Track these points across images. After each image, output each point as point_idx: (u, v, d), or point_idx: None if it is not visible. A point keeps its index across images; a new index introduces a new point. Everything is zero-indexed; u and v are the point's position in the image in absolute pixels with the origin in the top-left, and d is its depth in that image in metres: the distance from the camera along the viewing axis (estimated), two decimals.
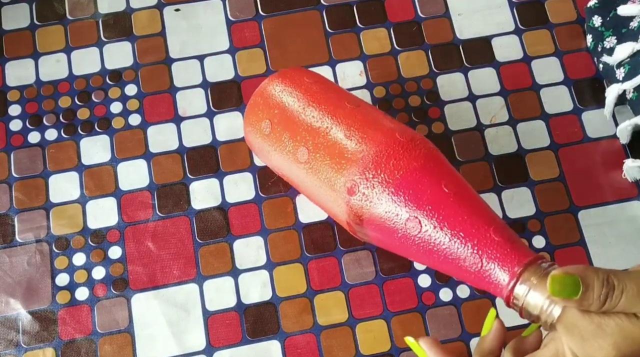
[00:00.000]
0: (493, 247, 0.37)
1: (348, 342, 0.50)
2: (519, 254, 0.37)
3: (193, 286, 0.52)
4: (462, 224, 0.38)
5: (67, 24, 0.59)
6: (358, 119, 0.45)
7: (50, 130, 0.56)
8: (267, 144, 0.47)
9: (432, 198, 0.40)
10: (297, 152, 0.45)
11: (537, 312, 0.35)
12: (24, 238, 0.53)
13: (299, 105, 0.46)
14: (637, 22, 0.54)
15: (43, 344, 0.50)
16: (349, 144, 0.43)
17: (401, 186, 0.40)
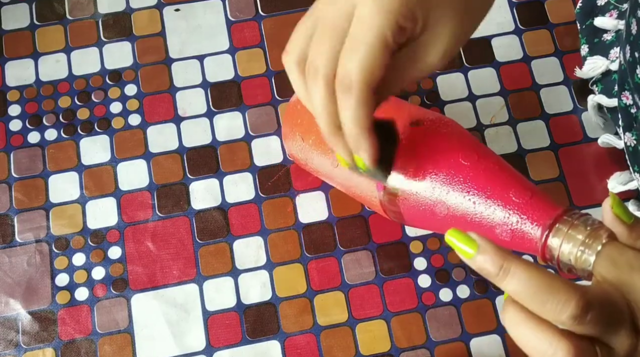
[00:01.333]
0: (517, 209, 0.38)
1: (348, 343, 0.50)
2: (547, 209, 0.37)
3: (193, 286, 0.52)
4: (483, 194, 0.39)
5: (67, 24, 0.59)
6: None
7: (50, 131, 0.56)
8: (304, 153, 0.49)
9: (451, 175, 0.40)
10: (329, 157, 0.47)
11: (572, 261, 0.34)
12: (24, 238, 0.53)
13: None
14: (610, 36, 0.54)
15: (43, 344, 0.50)
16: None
17: (420, 169, 0.41)
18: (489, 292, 0.51)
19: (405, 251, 0.52)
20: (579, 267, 0.34)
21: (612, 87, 0.53)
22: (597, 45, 0.55)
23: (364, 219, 0.53)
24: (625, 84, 0.49)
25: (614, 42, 0.53)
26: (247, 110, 0.57)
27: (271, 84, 0.57)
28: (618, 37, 0.53)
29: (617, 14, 0.54)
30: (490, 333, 0.50)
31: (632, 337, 0.30)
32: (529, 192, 0.39)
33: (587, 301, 0.29)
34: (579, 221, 0.35)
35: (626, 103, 0.50)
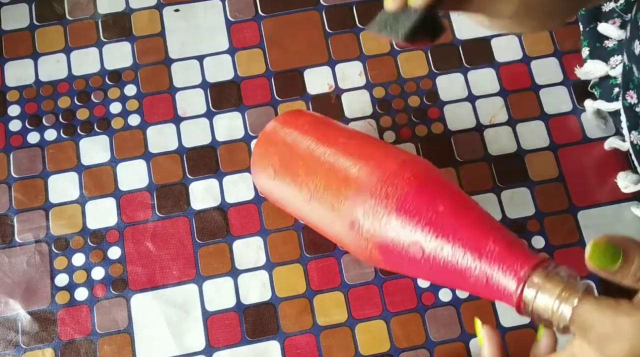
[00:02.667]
0: (495, 258, 0.37)
1: (347, 343, 0.50)
2: (521, 259, 0.36)
3: (192, 286, 0.52)
4: (461, 240, 0.38)
5: (67, 24, 0.59)
6: (351, 152, 0.45)
7: (49, 131, 0.56)
8: (274, 187, 0.48)
9: (428, 221, 0.39)
10: (301, 193, 0.46)
11: (548, 315, 0.34)
12: (23, 238, 0.53)
13: (293, 149, 0.47)
14: (612, 44, 0.54)
15: (42, 344, 0.50)
16: (345, 180, 0.43)
17: (399, 212, 0.40)
18: None
19: None
20: (554, 322, 0.34)
21: (610, 91, 0.53)
22: (598, 49, 0.55)
23: None
24: (630, 83, 0.49)
25: (615, 50, 0.54)
26: (246, 110, 0.57)
27: (271, 84, 0.57)
28: (620, 46, 0.53)
29: (620, 22, 0.54)
30: None
31: None
32: (507, 239, 0.37)
33: None
34: (555, 272, 0.34)
35: (630, 102, 0.50)
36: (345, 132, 0.48)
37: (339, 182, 0.44)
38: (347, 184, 0.43)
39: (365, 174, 0.43)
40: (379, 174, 0.42)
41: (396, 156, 0.44)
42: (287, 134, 0.48)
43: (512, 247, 0.37)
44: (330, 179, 0.44)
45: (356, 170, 0.43)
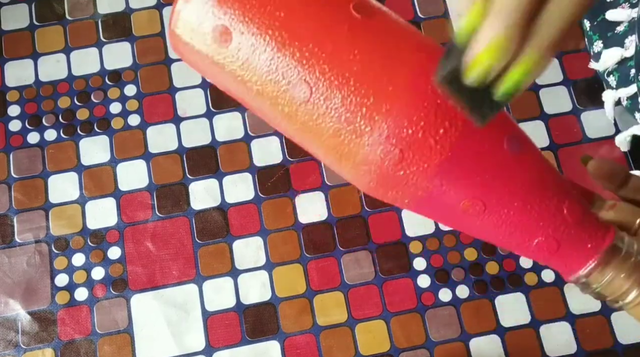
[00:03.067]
0: (568, 232, 0.30)
1: (347, 343, 0.50)
2: (596, 237, 0.30)
3: (192, 286, 0.52)
4: (531, 202, 0.29)
5: (67, 25, 0.59)
6: (372, 55, 0.29)
7: (49, 131, 0.56)
8: (222, 62, 0.29)
9: (490, 171, 0.29)
10: (294, 89, 0.28)
11: (611, 296, 0.31)
12: (23, 239, 0.53)
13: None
14: (623, 27, 0.54)
15: (42, 344, 0.50)
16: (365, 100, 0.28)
17: (448, 165, 0.28)
18: (488, 292, 0.51)
19: (404, 251, 0.52)
20: (612, 301, 0.31)
21: (628, 73, 0.53)
22: (611, 38, 0.55)
23: (363, 219, 0.53)
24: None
25: (627, 31, 0.53)
26: (246, 110, 0.57)
27: None
28: (631, 25, 0.53)
29: (628, 5, 0.54)
30: (490, 333, 0.51)
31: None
32: (581, 206, 0.31)
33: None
34: (627, 253, 0.30)
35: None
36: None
37: (357, 101, 0.27)
38: (368, 112, 0.27)
39: (398, 103, 0.28)
40: (420, 107, 0.28)
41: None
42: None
43: (587, 220, 0.30)
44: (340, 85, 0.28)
45: (383, 93, 0.28)
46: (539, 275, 0.52)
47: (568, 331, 0.51)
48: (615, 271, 0.30)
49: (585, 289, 0.31)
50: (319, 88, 0.28)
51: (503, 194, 0.29)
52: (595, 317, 0.51)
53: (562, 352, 0.50)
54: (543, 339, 0.50)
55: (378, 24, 0.29)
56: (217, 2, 0.28)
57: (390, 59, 0.28)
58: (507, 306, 0.51)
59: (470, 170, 0.28)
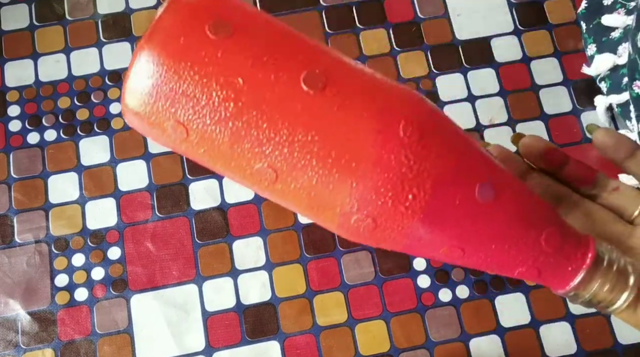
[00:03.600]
0: (547, 261, 0.31)
1: (347, 343, 0.50)
2: (576, 259, 0.31)
3: (192, 286, 0.52)
4: (508, 242, 0.30)
5: (67, 25, 0.59)
6: (329, 118, 0.28)
7: (49, 131, 0.56)
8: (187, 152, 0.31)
9: (463, 222, 0.30)
10: (254, 170, 0.30)
11: (599, 304, 0.32)
12: (23, 239, 0.53)
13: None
14: (618, 33, 0.54)
15: (42, 344, 0.50)
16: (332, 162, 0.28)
17: (421, 224, 0.29)
18: (488, 292, 0.51)
19: None
20: (601, 307, 0.32)
21: (620, 81, 0.53)
22: (605, 44, 0.55)
23: None
24: (636, 73, 0.49)
25: (622, 38, 0.53)
26: None
27: None
28: (626, 32, 0.53)
29: (624, 11, 0.54)
30: (490, 333, 0.51)
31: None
32: (560, 234, 0.31)
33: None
34: (607, 263, 0.31)
35: (638, 92, 0.50)
36: (311, 60, 0.29)
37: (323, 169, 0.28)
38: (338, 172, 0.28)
39: (365, 159, 0.28)
40: (387, 160, 0.28)
41: (405, 112, 0.29)
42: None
43: (567, 245, 0.31)
44: (302, 158, 0.28)
45: (346, 151, 0.28)
46: None
47: (568, 331, 0.51)
48: (599, 282, 0.31)
49: (574, 301, 0.32)
50: (283, 171, 0.29)
51: (479, 241, 0.30)
52: (595, 317, 0.51)
53: (562, 353, 0.50)
54: (543, 339, 0.50)
55: (332, 95, 0.29)
56: (163, 99, 0.29)
57: (350, 133, 0.29)
58: (507, 306, 0.51)
59: (444, 224, 0.29)
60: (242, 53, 0.28)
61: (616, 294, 0.31)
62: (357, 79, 0.30)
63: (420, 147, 0.28)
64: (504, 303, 0.51)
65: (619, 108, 0.54)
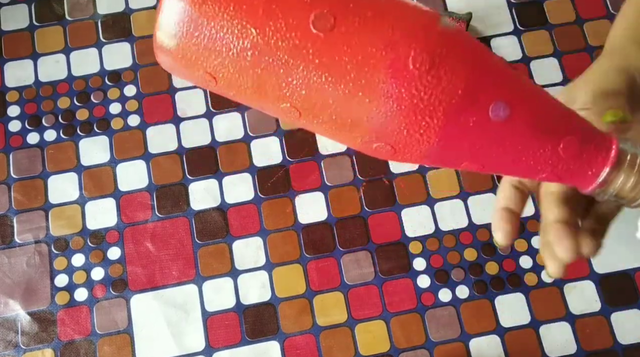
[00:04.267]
0: (567, 168, 0.32)
1: (347, 343, 0.50)
2: (596, 163, 0.31)
3: (192, 286, 0.52)
4: (525, 156, 0.31)
5: (66, 25, 0.59)
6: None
7: (49, 131, 0.56)
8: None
9: (480, 142, 0.31)
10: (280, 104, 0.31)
11: (627, 198, 0.33)
12: (23, 239, 0.53)
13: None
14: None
15: (42, 345, 0.50)
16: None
17: (437, 148, 0.30)
18: (488, 292, 0.51)
19: (404, 251, 0.52)
20: (629, 202, 0.33)
21: None
22: None
23: (363, 219, 0.53)
24: None
25: None
26: (246, 111, 0.57)
27: None
28: None
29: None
30: (490, 333, 0.51)
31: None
32: (578, 137, 0.32)
33: None
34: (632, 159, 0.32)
35: None
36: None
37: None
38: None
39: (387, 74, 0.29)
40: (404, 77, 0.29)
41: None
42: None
43: (585, 148, 0.32)
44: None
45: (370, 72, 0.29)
46: (538, 275, 0.52)
47: (568, 331, 0.51)
48: (622, 180, 0.32)
49: (602, 196, 0.33)
50: (305, 109, 0.30)
51: (497, 157, 0.31)
52: (595, 317, 0.51)
53: (562, 353, 0.50)
54: (543, 339, 0.50)
55: (341, 34, 0.30)
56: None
57: (360, 70, 0.30)
58: (507, 306, 0.51)
59: (460, 145, 0.30)
60: (252, 2, 0.29)
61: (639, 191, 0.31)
62: (365, 12, 0.30)
63: (430, 77, 0.29)
64: (504, 303, 0.51)
65: None
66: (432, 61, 0.29)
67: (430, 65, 0.29)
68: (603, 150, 0.32)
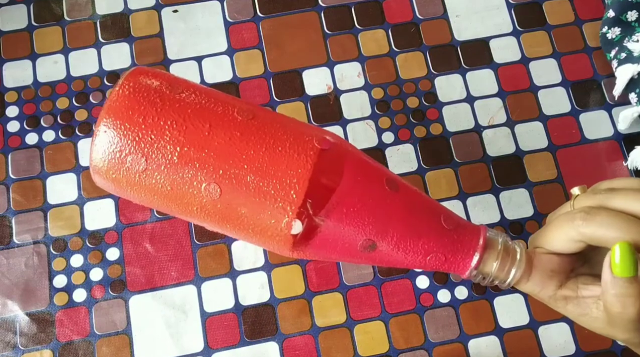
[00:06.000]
0: (450, 241, 0.38)
1: (346, 344, 0.50)
2: (472, 237, 0.38)
3: (191, 287, 0.52)
4: (415, 224, 0.38)
5: (65, 25, 0.59)
6: (263, 140, 0.37)
7: (47, 132, 0.56)
8: (146, 187, 0.38)
9: (378, 211, 0.37)
10: (200, 191, 0.37)
11: (497, 280, 0.38)
12: (22, 240, 0.53)
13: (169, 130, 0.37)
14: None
15: (40, 346, 0.50)
16: (267, 178, 0.36)
17: (339, 210, 0.36)
18: (487, 293, 0.51)
19: None
20: (500, 283, 0.38)
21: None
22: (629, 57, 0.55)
23: None
24: None
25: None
26: None
27: (269, 85, 0.57)
28: None
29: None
30: (489, 334, 0.51)
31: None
32: (453, 217, 0.39)
33: None
34: (498, 243, 0.38)
35: None
36: (238, 105, 0.39)
37: (260, 184, 0.36)
38: (272, 186, 0.36)
39: (289, 170, 0.36)
40: (303, 170, 0.36)
41: (316, 138, 0.38)
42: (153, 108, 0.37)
43: (460, 226, 0.38)
44: (244, 178, 0.36)
45: (275, 166, 0.36)
46: None
47: (567, 332, 0.51)
48: (493, 259, 0.37)
49: (476, 279, 0.39)
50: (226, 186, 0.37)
51: (391, 225, 0.37)
52: None
53: (560, 353, 0.50)
54: (542, 340, 0.50)
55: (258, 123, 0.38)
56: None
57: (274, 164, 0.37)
58: (506, 307, 0.51)
59: (360, 214, 0.37)
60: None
61: (508, 270, 0.37)
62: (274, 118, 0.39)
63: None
64: (503, 304, 0.51)
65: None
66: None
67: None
68: (476, 232, 0.38)
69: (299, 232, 0.36)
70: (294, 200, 0.36)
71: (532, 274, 0.37)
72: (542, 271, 0.37)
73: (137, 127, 0.36)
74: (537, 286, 0.37)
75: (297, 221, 0.36)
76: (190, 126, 0.36)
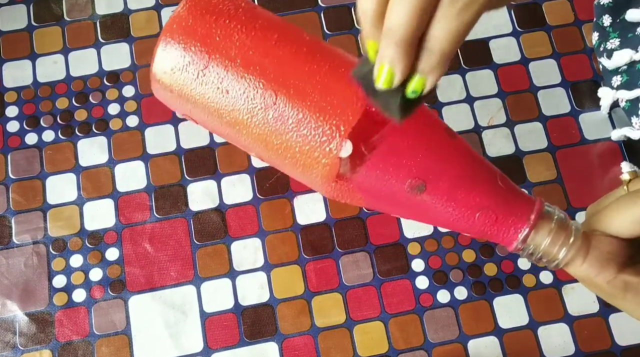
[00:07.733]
0: (504, 199, 0.35)
1: (346, 344, 0.50)
2: (527, 205, 0.35)
3: (190, 287, 0.52)
4: (470, 174, 0.35)
5: (65, 25, 0.59)
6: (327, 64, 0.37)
7: (47, 132, 0.56)
8: (205, 86, 0.38)
9: (432, 151, 0.35)
10: (256, 97, 0.36)
11: (547, 258, 0.35)
12: (21, 240, 0.53)
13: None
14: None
15: (40, 346, 0.50)
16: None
17: (392, 142, 0.34)
18: (486, 293, 0.51)
19: (402, 252, 0.52)
20: (548, 261, 0.36)
21: (638, 77, 0.53)
22: (630, 39, 0.54)
23: (361, 220, 0.53)
24: None
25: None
26: None
27: None
28: None
29: None
30: (488, 334, 0.51)
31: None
32: (507, 179, 0.37)
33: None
34: (554, 218, 0.35)
35: None
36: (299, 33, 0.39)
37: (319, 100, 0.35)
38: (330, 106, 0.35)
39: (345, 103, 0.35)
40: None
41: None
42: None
43: (515, 190, 0.37)
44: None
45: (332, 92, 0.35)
46: (537, 276, 0.52)
47: (566, 333, 0.51)
48: (544, 235, 0.35)
49: (522, 253, 0.36)
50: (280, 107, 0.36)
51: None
52: (594, 318, 0.51)
53: (560, 354, 0.50)
54: (541, 340, 0.50)
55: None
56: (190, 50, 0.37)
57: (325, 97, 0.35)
58: (506, 307, 0.51)
59: (413, 149, 0.35)
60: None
61: (560, 247, 0.34)
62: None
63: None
64: (502, 304, 0.51)
65: (627, 103, 0.53)
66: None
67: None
68: (530, 201, 0.36)
69: (348, 154, 0.34)
70: (349, 120, 0.34)
71: (589, 254, 0.34)
72: (601, 253, 0.34)
73: (208, 25, 0.36)
74: (594, 268, 0.34)
75: (348, 141, 0.34)
76: (258, 33, 0.36)
